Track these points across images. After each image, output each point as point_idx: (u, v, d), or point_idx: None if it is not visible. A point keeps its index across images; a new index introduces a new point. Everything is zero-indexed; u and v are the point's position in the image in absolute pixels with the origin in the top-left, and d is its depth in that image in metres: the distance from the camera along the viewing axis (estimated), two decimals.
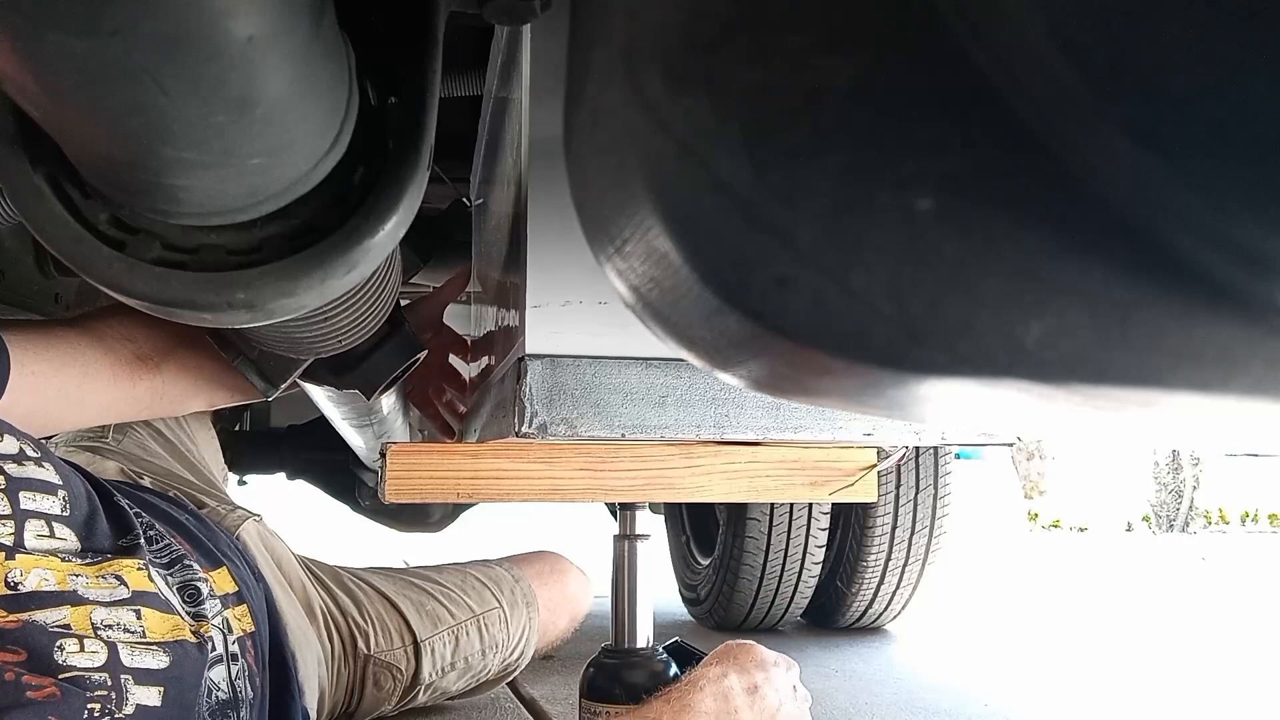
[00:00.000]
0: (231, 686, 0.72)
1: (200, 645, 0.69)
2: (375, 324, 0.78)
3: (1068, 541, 7.20)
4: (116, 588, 0.67)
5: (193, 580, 0.77)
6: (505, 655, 1.42)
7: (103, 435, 1.22)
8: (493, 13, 0.38)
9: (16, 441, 0.69)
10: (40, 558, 0.64)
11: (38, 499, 0.67)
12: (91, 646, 0.60)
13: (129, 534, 0.74)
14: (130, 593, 0.67)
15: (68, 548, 0.67)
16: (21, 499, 0.66)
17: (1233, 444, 0.34)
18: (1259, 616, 3.07)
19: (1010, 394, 0.25)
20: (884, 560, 2.18)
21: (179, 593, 0.74)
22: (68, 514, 0.69)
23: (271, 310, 0.41)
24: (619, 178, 0.29)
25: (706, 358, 0.33)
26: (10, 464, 0.67)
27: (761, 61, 0.23)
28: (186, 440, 1.36)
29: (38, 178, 0.38)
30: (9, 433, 0.69)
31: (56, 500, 0.68)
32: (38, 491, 0.68)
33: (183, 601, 0.73)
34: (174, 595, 0.72)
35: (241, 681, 0.74)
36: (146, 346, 0.85)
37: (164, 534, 0.80)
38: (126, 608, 0.66)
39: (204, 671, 0.68)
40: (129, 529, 0.75)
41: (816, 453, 0.89)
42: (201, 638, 0.70)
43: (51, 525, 0.67)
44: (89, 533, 0.70)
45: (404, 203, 0.41)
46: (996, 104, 0.20)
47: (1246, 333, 0.21)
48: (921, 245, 0.22)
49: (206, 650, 0.69)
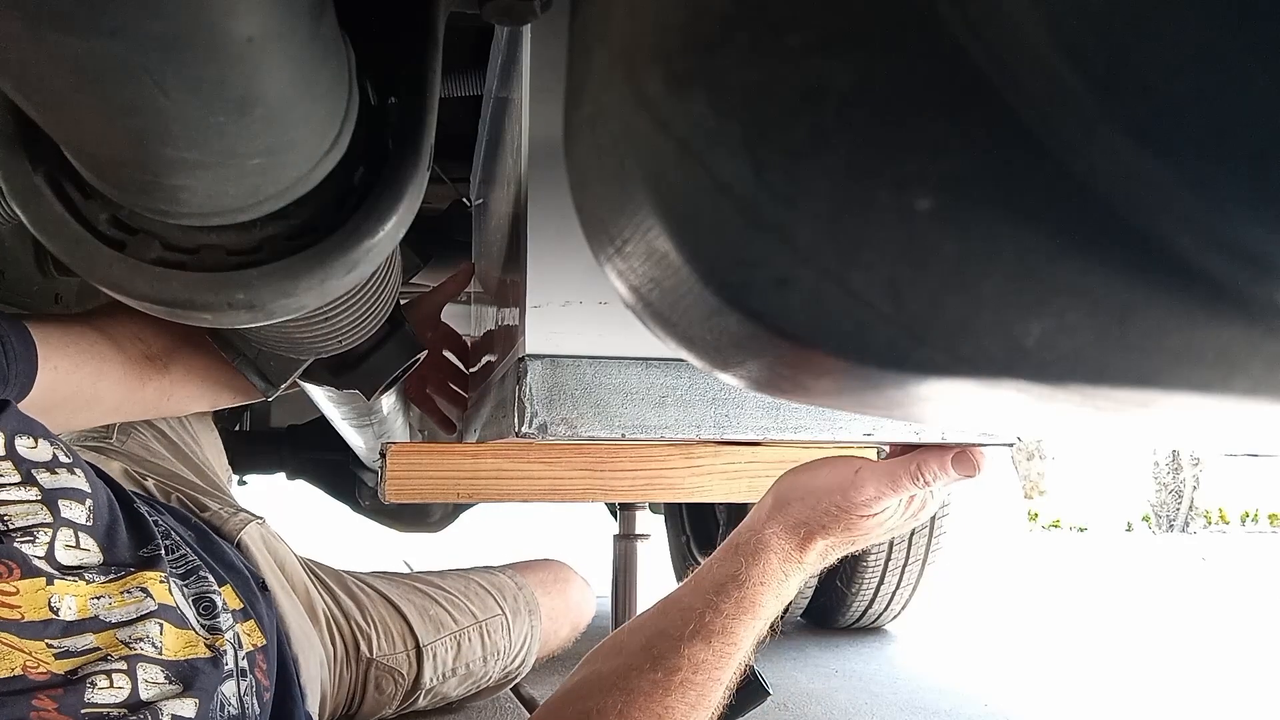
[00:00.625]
0: (240, 702, 0.71)
1: (215, 660, 0.69)
2: (375, 324, 0.78)
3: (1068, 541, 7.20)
4: (143, 600, 0.66)
5: (208, 593, 0.76)
6: (506, 663, 1.42)
7: (106, 435, 1.21)
8: (492, 13, 0.38)
9: (50, 447, 0.68)
10: (70, 583, 0.63)
11: (72, 507, 0.66)
12: (120, 681, 0.60)
13: (149, 544, 0.73)
14: (156, 605, 0.67)
15: (91, 560, 0.66)
16: (61, 507, 0.65)
17: (1232, 444, 0.34)
18: (1259, 616, 3.06)
19: (1010, 394, 0.25)
20: (884, 560, 2.18)
21: (194, 605, 0.73)
22: (91, 524, 0.68)
23: (272, 310, 0.41)
24: (619, 178, 0.29)
25: (706, 358, 0.33)
26: (45, 472, 0.66)
27: (761, 61, 0.23)
28: (190, 441, 1.36)
29: (38, 178, 0.38)
30: (43, 437, 0.68)
31: (84, 509, 0.68)
32: (72, 500, 0.67)
33: (198, 615, 0.73)
34: (190, 609, 0.72)
35: (250, 698, 0.73)
36: (155, 346, 0.85)
37: (180, 543, 0.80)
38: (153, 620, 0.65)
39: (219, 686, 0.67)
40: (149, 538, 0.74)
41: (816, 453, 0.89)
42: (216, 651, 0.70)
43: (78, 535, 0.66)
44: (110, 543, 0.69)
45: (404, 203, 0.41)
46: (996, 104, 0.20)
47: (1246, 333, 0.21)
48: (921, 245, 0.22)
49: (221, 665, 0.69)
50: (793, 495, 0.72)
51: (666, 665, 0.68)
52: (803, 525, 0.72)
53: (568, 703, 0.71)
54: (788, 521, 0.72)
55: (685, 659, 0.68)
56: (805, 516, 0.71)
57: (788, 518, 0.72)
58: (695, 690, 0.69)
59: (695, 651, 0.69)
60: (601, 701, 0.68)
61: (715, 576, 0.72)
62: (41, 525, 0.63)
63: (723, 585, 0.71)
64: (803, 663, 2.00)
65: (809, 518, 0.71)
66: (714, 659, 0.69)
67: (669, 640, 0.69)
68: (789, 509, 0.72)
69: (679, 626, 0.70)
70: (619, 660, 0.71)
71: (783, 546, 0.72)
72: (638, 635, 0.72)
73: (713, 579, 0.72)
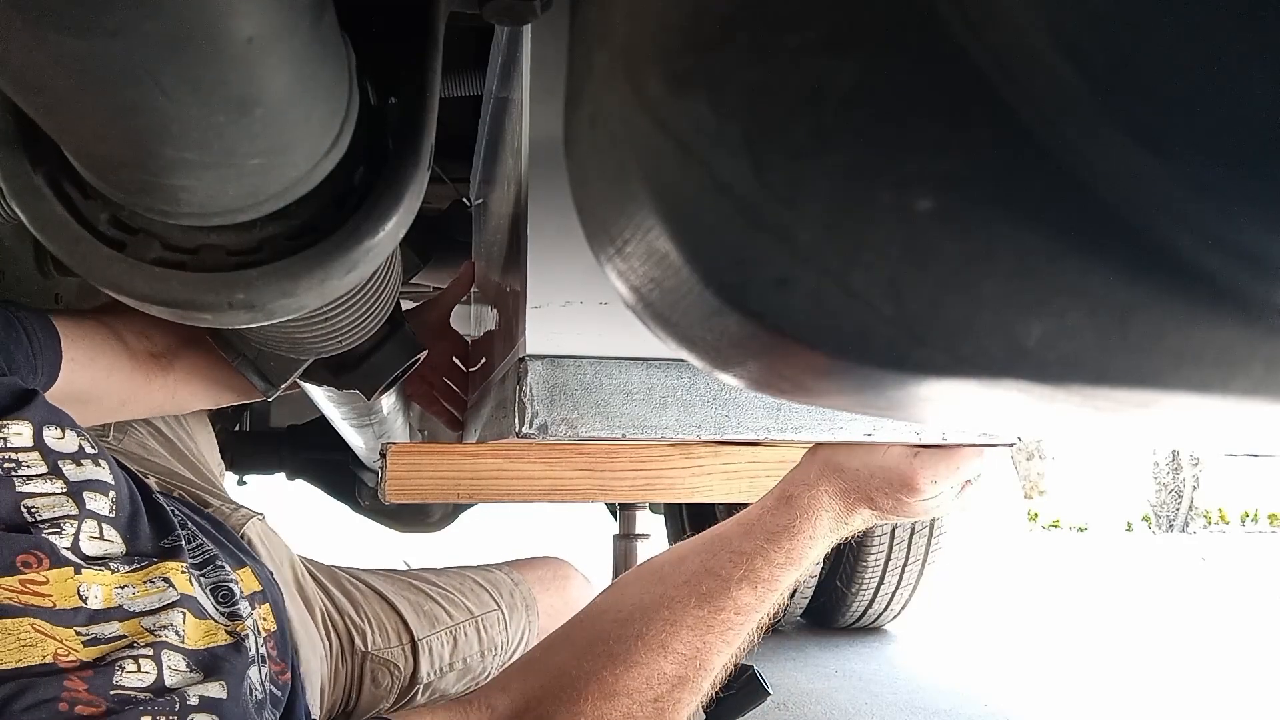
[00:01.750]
0: (263, 687, 0.72)
1: (238, 645, 0.69)
2: (375, 324, 0.78)
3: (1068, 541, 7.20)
4: (165, 590, 0.67)
5: (225, 581, 0.76)
6: (504, 658, 1.42)
7: (104, 434, 1.21)
8: (493, 13, 0.38)
9: (76, 438, 0.68)
10: (96, 573, 0.63)
11: (96, 499, 0.67)
12: (146, 667, 0.60)
13: (170, 534, 0.74)
14: (179, 595, 0.67)
15: (114, 551, 0.67)
16: (86, 499, 0.65)
17: (1233, 444, 0.34)
18: (1259, 617, 3.06)
19: (1011, 394, 0.25)
20: (884, 560, 2.18)
21: (212, 595, 0.74)
22: (114, 515, 0.68)
23: (272, 310, 0.41)
24: (619, 178, 0.29)
25: (706, 358, 0.33)
26: (70, 463, 0.66)
27: (762, 61, 0.23)
28: (186, 439, 1.36)
29: (38, 178, 0.38)
30: (70, 428, 0.68)
31: (107, 500, 0.68)
32: (96, 492, 0.67)
33: (216, 604, 0.73)
34: (208, 599, 0.72)
35: (268, 684, 0.73)
36: (160, 344, 0.85)
37: (196, 532, 0.80)
38: (176, 609, 0.66)
39: (245, 670, 0.68)
40: (169, 529, 0.74)
41: None
42: (238, 637, 0.70)
43: (102, 527, 0.66)
44: (132, 534, 0.69)
45: (404, 203, 0.41)
46: (996, 104, 0.20)
47: (1246, 333, 0.21)
48: (922, 246, 0.22)
49: (245, 651, 0.69)
50: (848, 464, 0.73)
51: (713, 604, 0.71)
52: (854, 493, 0.73)
53: (605, 617, 0.73)
54: (841, 486, 0.73)
55: (732, 601, 0.71)
56: (859, 485, 0.73)
57: (842, 482, 0.73)
58: (734, 631, 0.72)
59: (743, 595, 0.72)
60: (644, 626, 0.70)
61: (768, 525, 0.74)
62: (67, 517, 0.64)
63: (775, 534, 0.73)
64: (803, 663, 2.00)
65: (863, 487, 0.73)
66: (756, 604, 0.72)
67: (717, 580, 0.72)
68: (843, 475, 0.73)
69: (728, 569, 0.72)
70: (660, 589, 0.73)
71: (835, 507, 0.74)
72: (681, 569, 0.74)
73: (765, 527, 0.74)
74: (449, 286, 1.11)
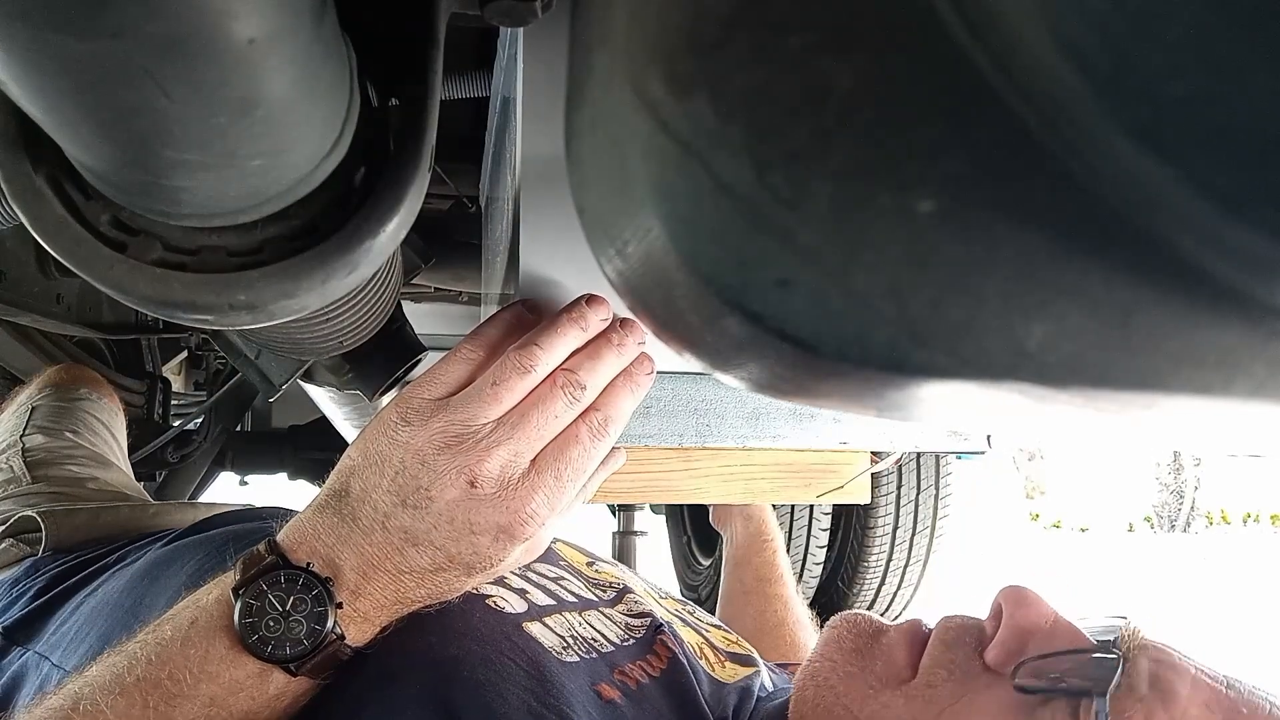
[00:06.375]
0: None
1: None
2: (377, 324, 0.78)
3: (1069, 541, 7.19)
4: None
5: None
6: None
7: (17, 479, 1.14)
8: (493, 14, 0.38)
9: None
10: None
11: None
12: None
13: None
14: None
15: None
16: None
17: (1235, 445, 0.34)
18: (1259, 617, 3.06)
19: (1012, 396, 0.25)
20: (885, 561, 2.18)
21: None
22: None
23: (273, 311, 0.41)
24: (620, 179, 0.29)
25: (707, 359, 0.33)
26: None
27: (763, 63, 0.23)
28: (116, 447, 1.30)
29: (39, 179, 0.38)
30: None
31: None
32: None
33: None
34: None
35: None
36: None
37: None
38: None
39: None
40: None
41: (810, 455, 0.90)
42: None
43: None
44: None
45: (405, 203, 0.41)
46: (997, 105, 0.20)
47: (1248, 335, 0.21)
48: (923, 247, 0.22)
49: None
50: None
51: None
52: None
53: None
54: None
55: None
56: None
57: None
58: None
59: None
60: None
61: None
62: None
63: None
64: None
65: None
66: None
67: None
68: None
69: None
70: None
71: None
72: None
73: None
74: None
